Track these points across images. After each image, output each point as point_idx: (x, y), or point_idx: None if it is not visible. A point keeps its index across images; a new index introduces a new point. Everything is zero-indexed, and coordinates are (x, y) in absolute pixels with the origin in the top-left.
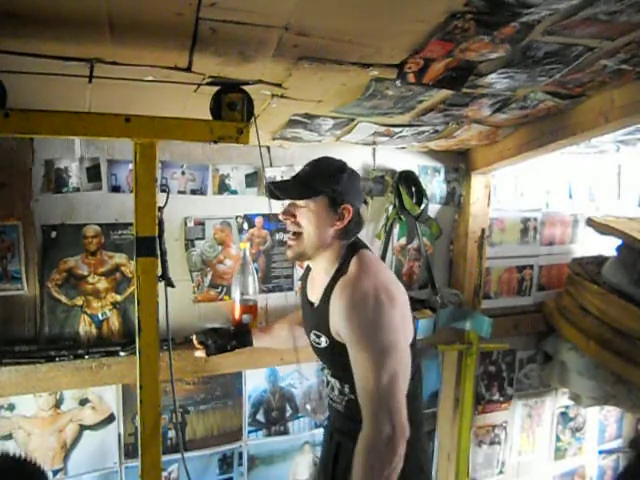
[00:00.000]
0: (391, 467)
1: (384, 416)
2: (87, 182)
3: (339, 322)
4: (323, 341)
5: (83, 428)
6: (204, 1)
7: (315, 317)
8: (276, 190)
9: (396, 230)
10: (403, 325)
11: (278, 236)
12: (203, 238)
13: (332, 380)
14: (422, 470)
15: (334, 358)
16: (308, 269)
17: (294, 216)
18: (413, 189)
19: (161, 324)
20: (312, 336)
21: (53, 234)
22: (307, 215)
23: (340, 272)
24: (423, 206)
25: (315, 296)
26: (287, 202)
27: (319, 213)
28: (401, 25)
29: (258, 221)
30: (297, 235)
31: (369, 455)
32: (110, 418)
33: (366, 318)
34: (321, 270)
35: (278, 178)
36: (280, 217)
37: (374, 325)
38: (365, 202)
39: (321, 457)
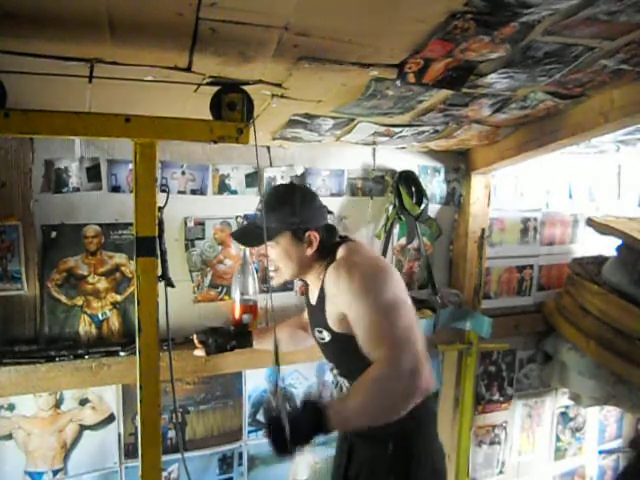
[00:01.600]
0: (400, 398)
1: (405, 354)
2: (87, 182)
3: (339, 299)
4: (326, 336)
5: (83, 428)
6: (204, 1)
7: (315, 314)
8: (240, 241)
9: (396, 230)
10: (400, 285)
11: None
12: (203, 238)
13: (341, 379)
14: (435, 469)
15: (338, 352)
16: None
17: (267, 256)
18: (413, 189)
19: (161, 324)
20: (316, 333)
21: (53, 234)
22: (278, 253)
23: (328, 267)
24: (423, 206)
25: (313, 296)
26: None
27: (287, 249)
28: (401, 25)
29: None
30: (276, 269)
31: (382, 375)
32: (110, 418)
33: (364, 282)
34: (313, 278)
35: (278, 178)
36: (254, 259)
37: (374, 284)
38: (329, 212)
39: (335, 456)
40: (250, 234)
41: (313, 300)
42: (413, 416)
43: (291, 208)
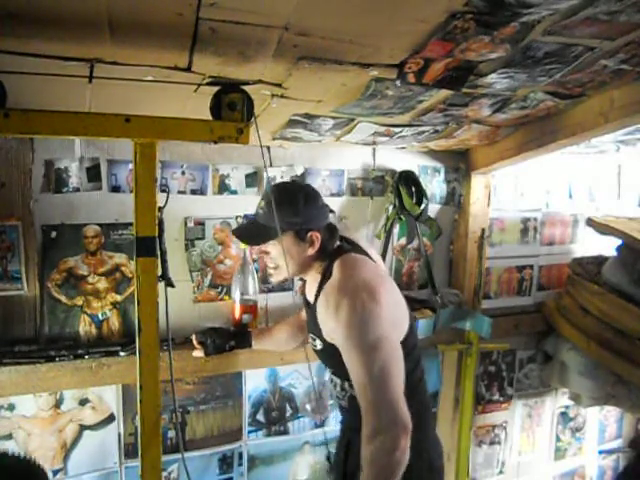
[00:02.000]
0: (394, 461)
1: (380, 410)
2: (87, 182)
3: (329, 326)
4: (318, 344)
5: (83, 428)
6: (204, 1)
7: (311, 320)
8: (241, 238)
9: (396, 230)
10: (391, 319)
11: None
12: (203, 238)
13: (334, 377)
14: (432, 468)
15: (329, 359)
16: (305, 282)
17: (267, 253)
18: (413, 189)
19: (161, 324)
20: (310, 339)
21: (53, 234)
22: (279, 252)
23: (325, 278)
24: (423, 206)
25: (311, 296)
26: None
27: (289, 248)
28: (401, 25)
29: None
30: (276, 267)
31: (371, 451)
32: (110, 418)
33: (350, 318)
34: (311, 279)
35: (278, 178)
36: (255, 256)
37: (359, 323)
38: (331, 211)
39: (335, 453)
40: (252, 232)
41: (310, 299)
42: (410, 412)
43: (294, 208)
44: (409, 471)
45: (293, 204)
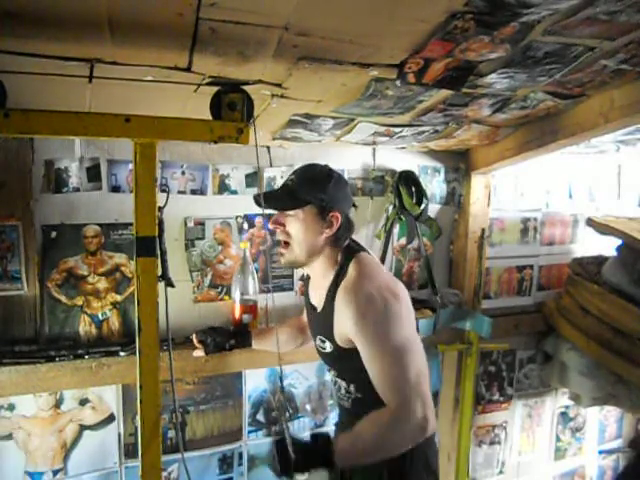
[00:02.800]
0: (399, 449)
1: (417, 402)
2: (87, 182)
3: (349, 328)
4: (328, 346)
5: (83, 428)
6: (204, 1)
7: (320, 322)
8: (264, 201)
9: (396, 230)
10: (410, 319)
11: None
12: (203, 238)
13: (338, 380)
14: (430, 469)
15: (338, 362)
16: (307, 280)
17: (283, 225)
18: (413, 189)
19: (161, 324)
20: (317, 341)
21: (53, 234)
22: (296, 224)
23: (340, 276)
24: (423, 206)
25: (317, 300)
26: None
27: (307, 222)
28: (401, 25)
29: (258, 221)
30: (287, 244)
31: (388, 429)
32: (110, 418)
33: (377, 319)
34: (318, 275)
35: (278, 178)
36: (269, 226)
37: (386, 324)
38: (354, 206)
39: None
40: (275, 198)
41: (317, 304)
42: None
43: (324, 185)
44: (407, 471)
45: (323, 181)
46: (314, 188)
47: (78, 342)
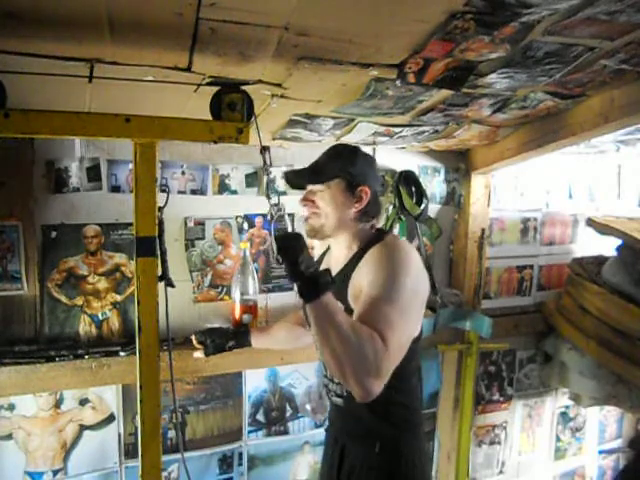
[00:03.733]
0: (371, 353)
1: (385, 358)
2: (87, 182)
3: (368, 270)
4: None
5: (83, 428)
6: (204, 1)
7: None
8: (293, 177)
9: (396, 230)
10: (423, 292)
11: None
12: (203, 238)
13: (333, 387)
14: (423, 471)
15: None
16: (323, 254)
17: (312, 201)
18: (413, 189)
19: (161, 324)
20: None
21: (53, 234)
22: (325, 199)
23: (373, 242)
24: (423, 206)
25: (334, 271)
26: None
27: (336, 196)
28: (401, 25)
29: (258, 221)
30: (316, 212)
31: (359, 342)
32: (110, 418)
33: (399, 265)
34: (343, 247)
35: (278, 178)
36: (299, 203)
37: (406, 270)
38: (382, 185)
39: (323, 460)
40: (303, 174)
41: (334, 271)
42: (401, 417)
43: (352, 160)
44: (400, 470)
45: (351, 157)
46: (341, 163)
47: (78, 342)
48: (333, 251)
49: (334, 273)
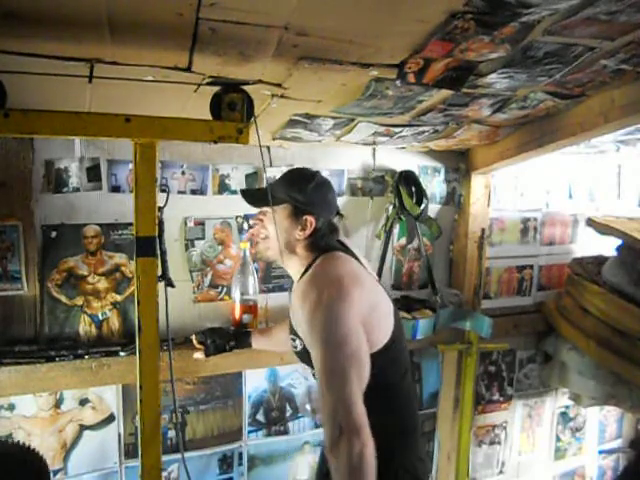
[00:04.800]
0: (356, 469)
1: (334, 414)
2: (87, 182)
3: (299, 320)
4: (298, 344)
5: (83, 428)
6: (204, 1)
7: (291, 321)
8: (244, 197)
9: (396, 230)
10: (361, 320)
11: None
12: (203, 238)
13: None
14: (417, 478)
15: (309, 361)
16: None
17: (261, 221)
18: (413, 189)
19: (161, 324)
20: (290, 341)
21: (53, 234)
22: (271, 221)
23: (303, 275)
24: (423, 206)
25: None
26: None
27: (281, 221)
28: (401, 25)
29: None
30: (264, 238)
31: (334, 465)
32: (110, 418)
33: (316, 315)
34: (294, 274)
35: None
36: (251, 220)
37: (323, 321)
38: (338, 214)
39: (321, 465)
40: (257, 195)
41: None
42: (394, 426)
43: (302, 186)
44: None
45: (302, 183)
46: (290, 188)
47: (78, 342)
48: (291, 276)
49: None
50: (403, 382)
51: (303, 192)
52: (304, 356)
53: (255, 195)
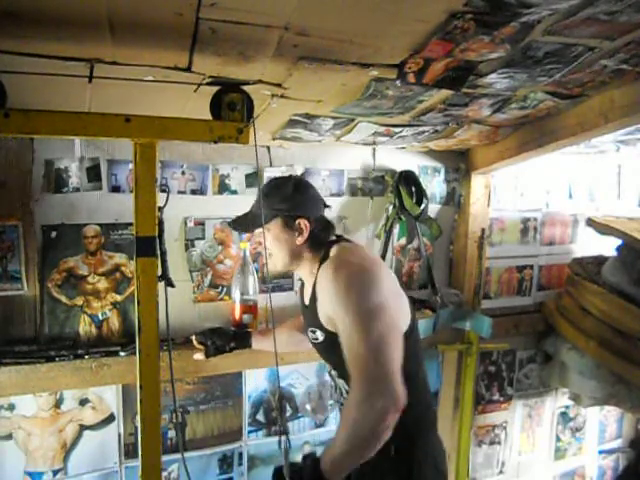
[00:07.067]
0: (375, 434)
1: (374, 380)
2: (87, 182)
3: (326, 300)
4: (319, 335)
5: (83, 428)
6: (204, 1)
7: (309, 314)
8: (235, 227)
9: (396, 230)
10: (392, 295)
11: None
12: (203, 238)
13: (339, 382)
14: (438, 469)
15: (332, 351)
16: (302, 285)
17: (261, 243)
18: (413, 189)
19: (161, 324)
20: (310, 334)
21: (53, 234)
22: (270, 240)
23: (321, 265)
24: (423, 206)
25: (307, 296)
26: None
27: (278, 236)
28: (401, 25)
29: None
30: (270, 255)
31: (355, 418)
32: (110, 418)
33: (348, 286)
34: (307, 274)
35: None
36: (251, 245)
37: (358, 289)
38: (325, 205)
39: None
40: (244, 221)
41: (307, 300)
42: (414, 417)
43: (282, 195)
44: (417, 476)
45: (281, 191)
46: (273, 201)
47: (78, 342)
48: (303, 280)
49: (307, 301)
50: (420, 372)
51: (285, 200)
52: (325, 347)
53: (244, 222)
